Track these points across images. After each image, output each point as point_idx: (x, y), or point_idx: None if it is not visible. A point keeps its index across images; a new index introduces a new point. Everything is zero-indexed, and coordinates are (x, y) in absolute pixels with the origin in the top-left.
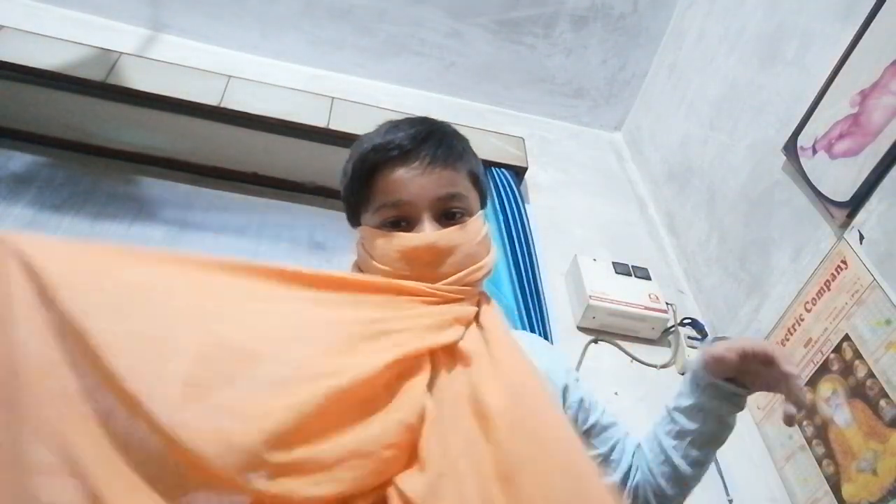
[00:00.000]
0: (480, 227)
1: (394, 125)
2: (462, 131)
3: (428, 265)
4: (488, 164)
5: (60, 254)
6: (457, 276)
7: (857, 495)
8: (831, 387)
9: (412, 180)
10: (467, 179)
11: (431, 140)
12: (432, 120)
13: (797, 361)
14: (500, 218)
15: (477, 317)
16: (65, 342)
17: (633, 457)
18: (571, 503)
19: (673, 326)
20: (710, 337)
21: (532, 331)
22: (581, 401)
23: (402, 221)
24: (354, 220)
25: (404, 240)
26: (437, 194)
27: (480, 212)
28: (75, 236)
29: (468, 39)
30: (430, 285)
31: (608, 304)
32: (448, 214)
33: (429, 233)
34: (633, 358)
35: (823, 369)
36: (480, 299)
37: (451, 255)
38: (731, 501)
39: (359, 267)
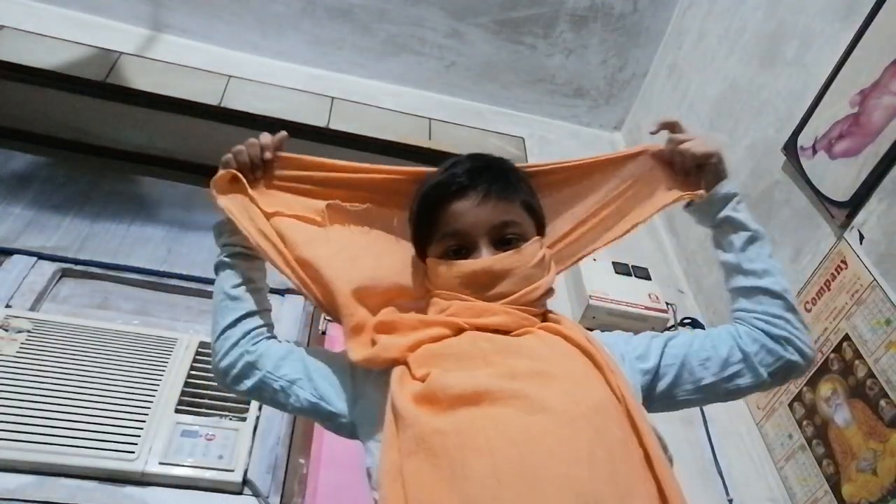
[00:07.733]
0: (536, 251)
1: (454, 162)
2: (462, 131)
3: (485, 287)
4: None
5: None
6: (514, 297)
7: (857, 495)
8: (831, 387)
9: (468, 211)
10: (521, 208)
11: (487, 174)
12: (490, 156)
13: None
14: None
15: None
16: None
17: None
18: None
19: (673, 326)
20: None
21: None
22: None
23: (462, 249)
24: (422, 255)
25: (463, 266)
26: (492, 222)
27: (537, 237)
28: (75, 236)
29: (468, 39)
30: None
31: (608, 303)
32: (504, 240)
33: (485, 258)
34: None
35: (823, 369)
36: (546, 315)
37: (507, 277)
38: (731, 501)
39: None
